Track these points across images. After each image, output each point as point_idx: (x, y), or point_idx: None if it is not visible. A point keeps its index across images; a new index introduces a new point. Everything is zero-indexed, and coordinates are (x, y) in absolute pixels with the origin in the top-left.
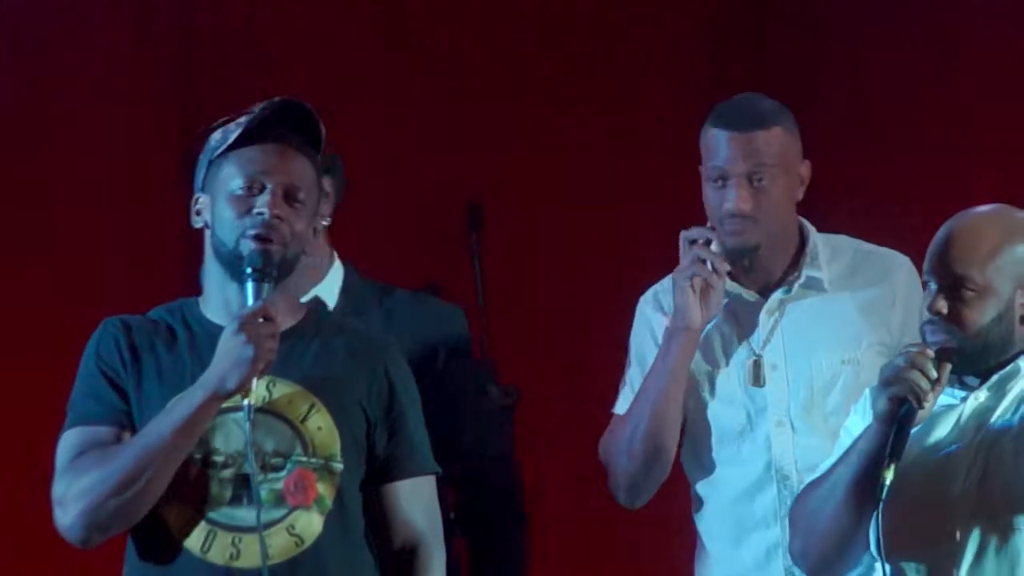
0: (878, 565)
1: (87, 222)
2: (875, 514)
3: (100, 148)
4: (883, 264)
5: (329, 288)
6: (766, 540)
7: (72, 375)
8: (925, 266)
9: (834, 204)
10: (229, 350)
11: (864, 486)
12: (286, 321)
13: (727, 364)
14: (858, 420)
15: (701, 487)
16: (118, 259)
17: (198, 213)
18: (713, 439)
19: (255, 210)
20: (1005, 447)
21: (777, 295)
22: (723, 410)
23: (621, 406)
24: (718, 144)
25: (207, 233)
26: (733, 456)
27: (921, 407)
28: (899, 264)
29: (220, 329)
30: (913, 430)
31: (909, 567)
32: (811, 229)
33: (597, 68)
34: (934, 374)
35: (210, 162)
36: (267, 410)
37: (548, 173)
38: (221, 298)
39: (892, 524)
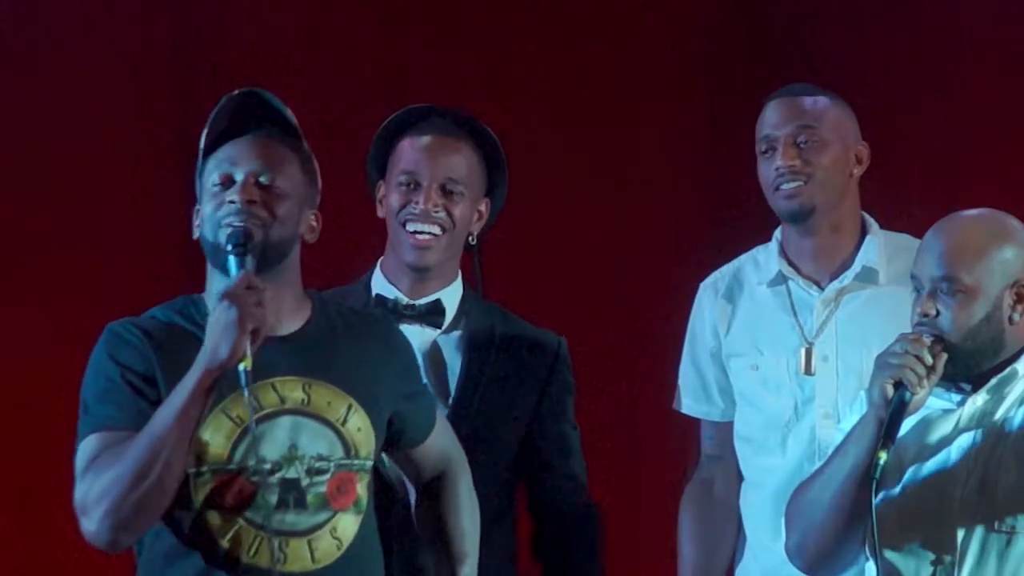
0: (869, 565)
1: (86, 222)
2: (870, 500)
3: (100, 147)
4: None
5: (452, 295)
6: None
7: (72, 376)
8: (913, 269)
9: None
10: (215, 322)
11: (860, 474)
12: (298, 319)
13: (778, 351)
14: (854, 418)
15: (746, 474)
16: (118, 259)
17: (198, 226)
18: (760, 425)
19: (227, 200)
20: (1006, 450)
21: (834, 285)
22: (771, 397)
23: (678, 401)
24: (765, 114)
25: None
26: (777, 444)
27: (915, 392)
28: None
29: None
30: (912, 431)
31: (910, 571)
32: (873, 224)
33: (597, 67)
34: (930, 360)
35: (199, 173)
36: (308, 413)
37: (548, 172)
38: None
39: (894, 529)
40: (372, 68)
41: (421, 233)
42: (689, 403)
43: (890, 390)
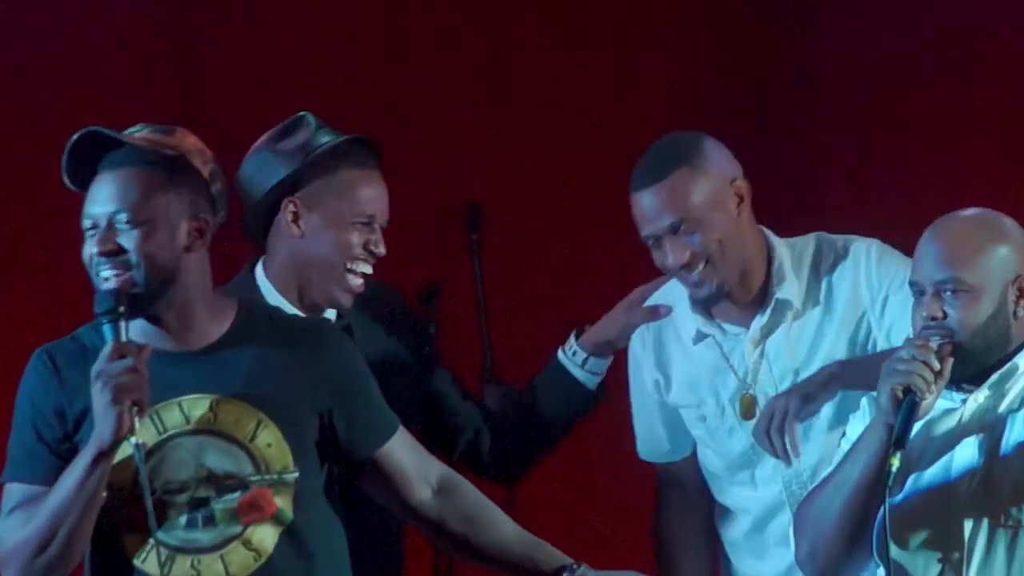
0: (879, 572)
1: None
2: (883, 506)
3: None
4: (842, 265)
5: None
6: (787, 558)
7: None
8: (912, 274)
9: (832, 199)
10: (95, 404)
11: (870, 481)
12: (214, 330)
13: (721, 399)
14: (858, 427)
15: (723, 504)
16: None
17: None
18: (725, 466)
19: (92, 251)
20: (1009, 445)
21: (755, 325)
22: (726, 442)
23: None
24: (635, 211)
25: None
26: (748, 480)
27: (924, 398)
28: (856, 258)
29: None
30: (917, 432)
31: (918, 569)
32: (775, 242)
33: (596, 67)
34: (937, 365)
35: None
36: (215, 431)
37: (548, 173)
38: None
39: (900, 528)
40: (373, 68)
41: (361, 276)
42: (640, 447)
43: (899, 396)
